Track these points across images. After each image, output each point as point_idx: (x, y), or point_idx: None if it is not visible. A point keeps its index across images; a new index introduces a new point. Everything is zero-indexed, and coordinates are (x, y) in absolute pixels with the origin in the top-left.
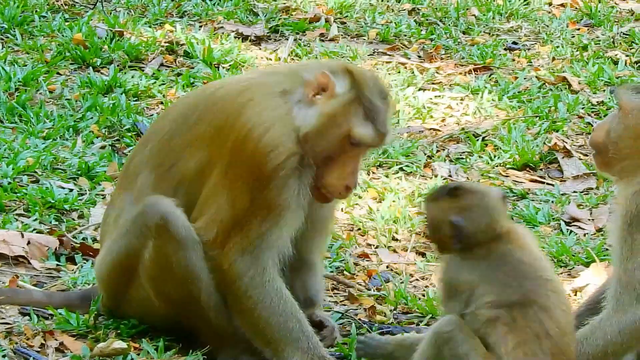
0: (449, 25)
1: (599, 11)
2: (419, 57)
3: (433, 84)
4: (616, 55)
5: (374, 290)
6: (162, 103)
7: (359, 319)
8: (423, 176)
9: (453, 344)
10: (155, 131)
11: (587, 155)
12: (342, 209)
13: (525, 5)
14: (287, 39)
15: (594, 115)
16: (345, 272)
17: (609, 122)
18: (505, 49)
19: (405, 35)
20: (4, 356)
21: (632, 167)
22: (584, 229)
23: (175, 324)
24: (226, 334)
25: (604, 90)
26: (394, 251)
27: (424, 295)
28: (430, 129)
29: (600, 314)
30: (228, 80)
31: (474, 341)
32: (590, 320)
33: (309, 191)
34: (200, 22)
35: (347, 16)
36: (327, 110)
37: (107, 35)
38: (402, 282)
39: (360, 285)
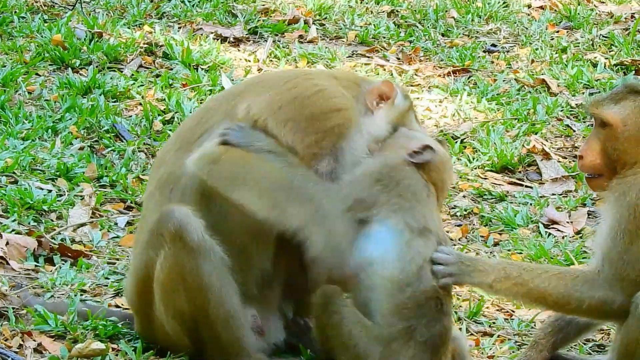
0: (428, 27)
1: (579, 13)
2: (398, 59)
3: (412, 86)
4: (595, 57)
5: None
6: (140, 104)
7: None
8: None
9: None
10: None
11: (565, 158)
12: None
13: (504, 7)
14: (266, 41)
15: (573, 117)
16: None
17: (598, 143)
18: (484, 51)
19: (384, 37)
20: None
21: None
22: (562, 231)
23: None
24: (233, 350)
25: (583, 93)
26: None
27: None
28: None
29: (577, 270)
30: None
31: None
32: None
33: None
34: (179, 24)
35: (326, 18)
36: (392, 117)
37: (86, 36)
38: None
39: None
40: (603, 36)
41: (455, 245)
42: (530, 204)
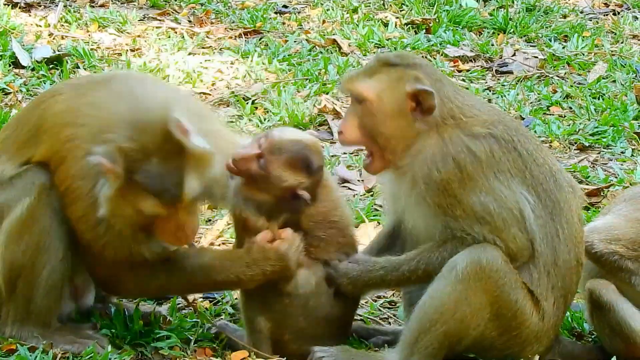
0: None
1: None
2: (189, 21)
3: (203, 48)
4: (386, 17)
5: None
6: None
7: None
8: None
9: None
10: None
11: None
12: None
13: None
14: (57, 5)
15: None
16: None
17: (356, 118)
18: (275, 13)
19: (176, 0)
20: None
21: (403, 145)
22: (353, 190)
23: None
24: (39, 317)
25: (374, 52)
26: None
27: None
28: (200, 92)
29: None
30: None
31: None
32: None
33: None
34: None
35: None
36: None
37: None
38: None
39: None
40: None
41: None
42: None
